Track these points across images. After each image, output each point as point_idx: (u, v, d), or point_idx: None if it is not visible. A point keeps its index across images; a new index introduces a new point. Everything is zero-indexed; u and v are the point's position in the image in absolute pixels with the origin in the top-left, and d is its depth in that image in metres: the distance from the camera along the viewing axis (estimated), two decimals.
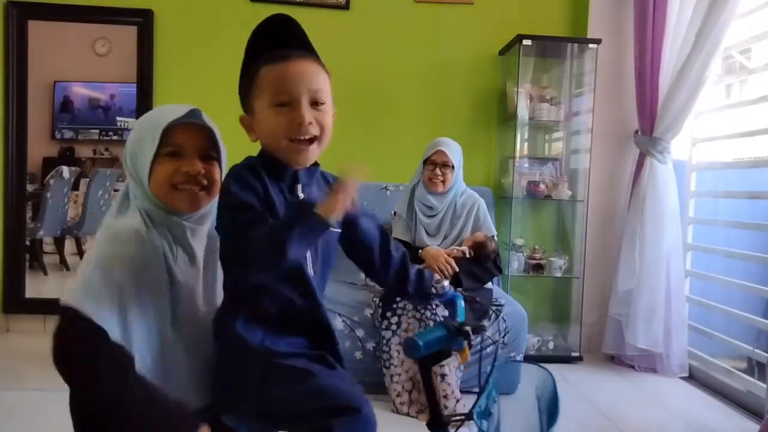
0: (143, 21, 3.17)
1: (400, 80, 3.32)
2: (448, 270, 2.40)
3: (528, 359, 2.63)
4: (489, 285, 2.64)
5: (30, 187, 3.25)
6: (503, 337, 2.50)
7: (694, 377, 2.92)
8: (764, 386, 2.31)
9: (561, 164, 3.34)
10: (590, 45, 3.11)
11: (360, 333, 2.49)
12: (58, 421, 1.09)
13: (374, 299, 2.53)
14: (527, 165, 3.30)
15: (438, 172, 2.56)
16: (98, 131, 3.39)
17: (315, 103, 1.06)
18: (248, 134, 1.11)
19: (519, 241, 3.21)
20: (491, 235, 2.59)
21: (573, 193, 3.20)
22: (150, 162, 1.04)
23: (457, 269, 2.42)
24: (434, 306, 2.30)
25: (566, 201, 3.23)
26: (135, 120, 2.64)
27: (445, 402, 2.23)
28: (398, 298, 2.36)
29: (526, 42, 3.02)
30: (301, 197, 1.09)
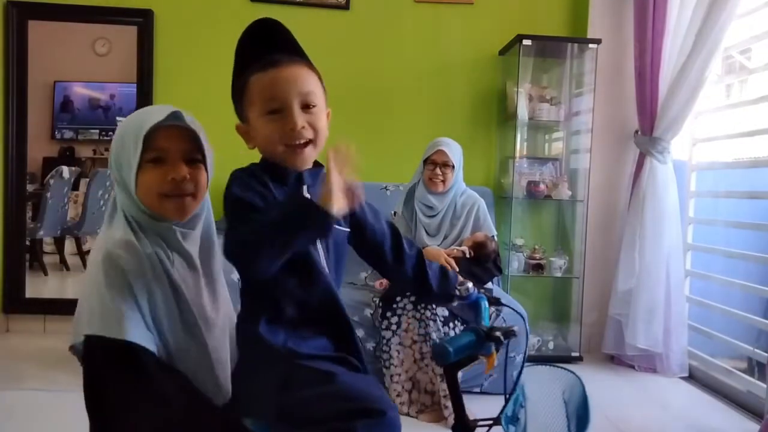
0: (143, 21, 3.17)
1: (400, 80, 3.31)
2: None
3: (528, 360, 2.63)
4: (489, 285, 2.64)
5: (30, 187, 3.25)
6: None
7: (694, 377, 2.92)
8: (764, 386, 2.31)
9: (561, 164, 3.34)
10: (590, 45, 3.11)
11: (360, 333, 2.49)
12: (58, 421, 1.10)
13: (374, 299, 2.53)
14: (527, 165, 3.30)
15: (438, 172, 2.56)
16: (98, 131, 3.39)
17: (306, 107, 1.06)
18: (246, 142, 1.11)
19: (519, 241, 3.21)
20: (491, 235, 2.59)
21: (573, 193, 3.19)
22: (135, 170, 1.02)
23: (458, 269, 2.42)
24: (434, 306, 2.30)
25: (566, 201, 3.23)
26: None
27: (445, 402, 2.23)
28: (398, 298, 2.36)
29: (526, 42, 3.02)
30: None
